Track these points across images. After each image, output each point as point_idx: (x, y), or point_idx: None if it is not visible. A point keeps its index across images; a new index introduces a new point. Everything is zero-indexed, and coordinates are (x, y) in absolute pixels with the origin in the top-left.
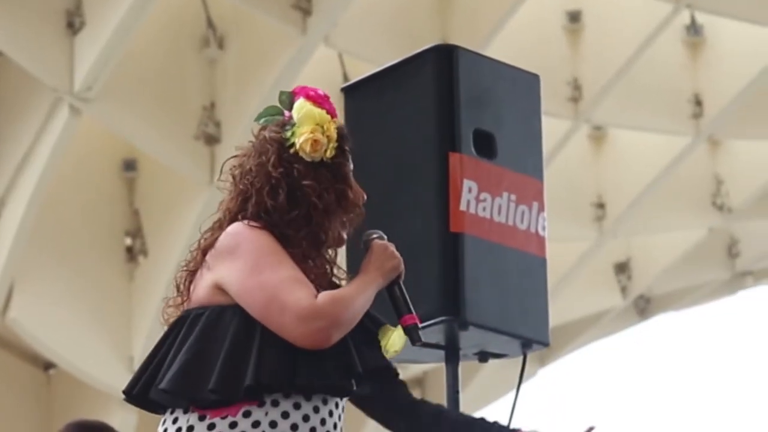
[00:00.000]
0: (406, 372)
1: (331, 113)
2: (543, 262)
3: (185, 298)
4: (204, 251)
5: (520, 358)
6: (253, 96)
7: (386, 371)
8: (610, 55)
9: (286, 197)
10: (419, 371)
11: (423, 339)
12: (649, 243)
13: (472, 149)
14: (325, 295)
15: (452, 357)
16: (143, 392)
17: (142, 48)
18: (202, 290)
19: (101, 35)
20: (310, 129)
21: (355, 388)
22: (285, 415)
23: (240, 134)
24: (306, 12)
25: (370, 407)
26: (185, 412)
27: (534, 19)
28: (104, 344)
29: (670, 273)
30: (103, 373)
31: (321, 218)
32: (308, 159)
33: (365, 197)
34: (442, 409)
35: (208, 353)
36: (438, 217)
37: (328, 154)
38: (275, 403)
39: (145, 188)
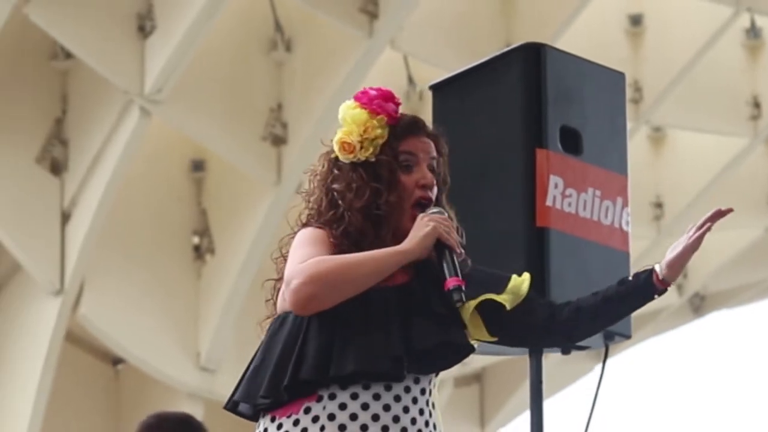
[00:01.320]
0: (465, 368)
1: (379, 112)
2: (626, 256)
3: (274, 308)
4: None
5: (573, 355)
6: (319, 98)
7: (443, 348)
8: (670, 58)
9: (327, 201)
10: (477, 367)
11: (464, 300)
12: (705, 242)
13: (559, 146)
14: (311, 259)
15: (535, 349)
16: (234, 405)
17: (211, 51)
18: (279, 298)
19: (171, 38)
20: (345, 131)
21: (404, 369)
22: (342, 406)
23: (306, 135)
24: (373, 15)
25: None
26: (263, 416)
27: (596, 22)
28: (172, 340)
29: (725, 271)
30: (171, 369)
31: (355, 217)
32: (346, 161)
33: (422, 183)
34: (573, 307)
35: (267, 361)
36: (524, 213)
37: (362, 154)
38: (332, 396)
39: (213, 188)
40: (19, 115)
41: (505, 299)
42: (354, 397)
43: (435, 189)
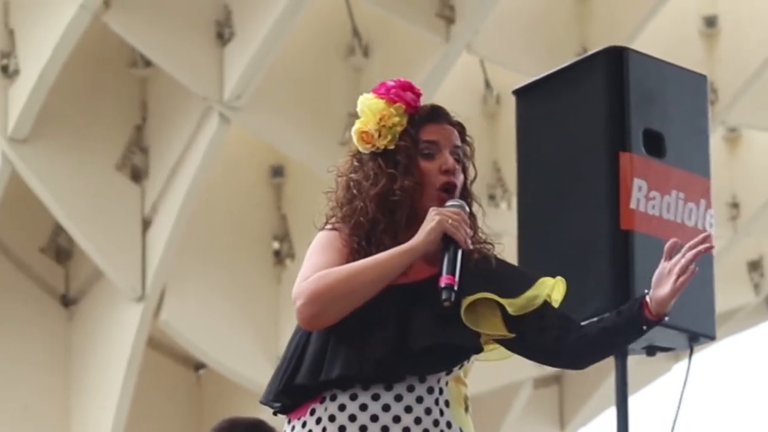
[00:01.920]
0: (544, 369)
1: (396, 100)
2: (710, 257)
3: None
4: None
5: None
6: None
7: (440, 349)
8: (745, 59)
9: (345, 193)
10: (557, 369)
11: (452, 300)
12: None
13: (642, 148)
14: (313, 275)
15: (620, 352)
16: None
17: (290, 57)
18: None
19: (250, 45)
20: (362, 121)
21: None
22: (342, 407)
23: None
24: (449, 20)
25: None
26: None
27: (671, 24)
28: (253, 345)
29: None
30: (252, 373)
31: (370, 205)
32: (365, 151)
33: (444, 168)
34: (579, 334)
35: (280, 364)
36: (608, 215)
37: (381, 143)
38: (333, 398)
39: (292, 193)
40: (100, 123)
41: (511, 303)
42: (353, 398)
43: (460, 176)
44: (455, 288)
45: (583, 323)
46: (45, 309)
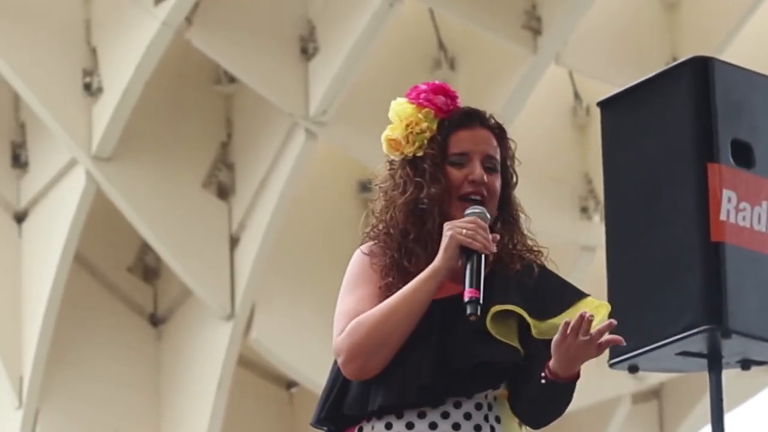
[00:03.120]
0: (642, 384)
1: (425, 105)
2: None
3: None
4: None
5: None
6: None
7: (483, 368)
8: None
9: (380, 203)
10: (656, 383)
11: (478, 315)
12: None
13: (731, 159)
14: (347, 326)
15: (715, 365)
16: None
17: (375, 70)
18: None
19: (335, 60)
20: (391, 127)
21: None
22: (388, 426)
23: None
24: (536, 31)
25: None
26: None
27: (761, 33)
28: None
29: None
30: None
31: (398, 215)
32: (396, 158)
33: (471, 178)
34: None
35: (325, 388)
36: (698, 228)
37: (408, 150)
38: (380, 417)
39: None
40: (184, 141)
41: (535, 324)
42: (399, 416)
43: (495, 183)
44: (480, 301)
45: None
46: (133, 329)
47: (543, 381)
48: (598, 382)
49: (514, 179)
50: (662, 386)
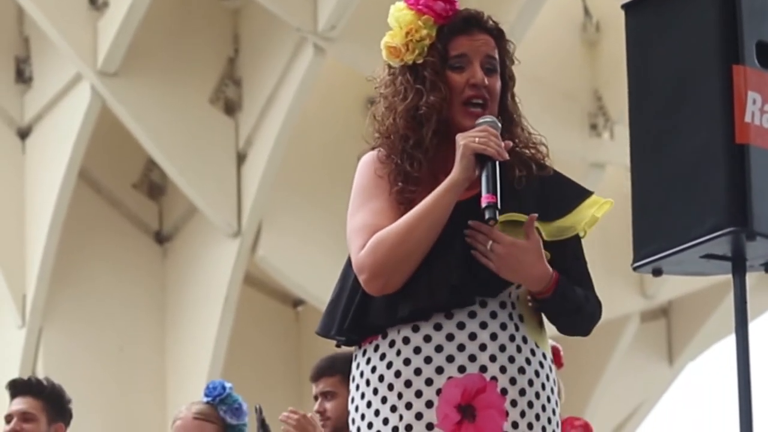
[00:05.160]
0: (651, 302)
1: (425, 12)
2: None
3: None
4: None
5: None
6: None
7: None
8: None
9: (382, 108)
10: (664, 301)
11: (497, 219)
12: None
13: (755, 61)
14: (368, 243)
15: (739, 268)
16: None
17: None
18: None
19: None
20: (390, 34)
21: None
22: (415, 328)
23: None
24: None
25: None
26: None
27: None
28: None
29: None
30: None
31: (399, 121)
32: (395, 65)
33: (472, 82)
34: None
35: (340, 297)
36: (723, 130)
37: (408, 57)
38: (398, 331)
39: None
40: (191, 56)
41: (543, 226)
42: (426, 318)
43: (496, 85)
44: (498, 205)
45: None
46: (138, 246)
47: (530, 304)
48: (606, 301)
49: (513, 78)
50: (670, 305)
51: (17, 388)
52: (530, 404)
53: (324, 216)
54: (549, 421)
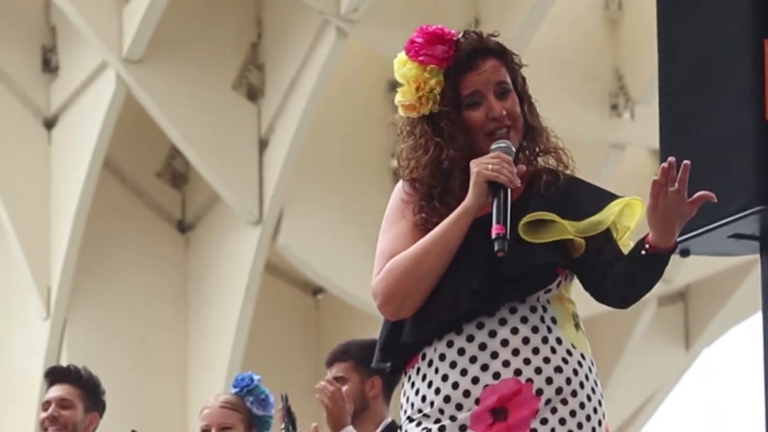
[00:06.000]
0: (668, 286)
1: (427, 62)
2: None
3: None
4: None
5: None
6: (517, 11)
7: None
8: None
9: (402, 157)
10: (682, 285)
11: (505, 251)
12: None
13: None
14: (383, 269)
15: (767, 247)
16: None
17: None
18: None
19: None
20: (402, 91)
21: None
22: (450, 344)
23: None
24: None
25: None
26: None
27: None
28: (372, 268)
29: None
30: (371, 297)
31: (423, 173)
32: (414, 117)
33: (491, 116)
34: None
35: (384, 325)
36: (753, 108)
37: (424, 110)
38: (441, 337)
39: None
40: (214, 42)
41: (573, 224)
42: (459, 331)
43: (515, 107)
44: (507, 237)
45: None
46: (161, 235)
47: (644, 253)
48: None
49: (528, 95)
50: (688, 289)
51: (56, 375)
52: (564, 401)
53: (346, 203)
54: (588, 418)
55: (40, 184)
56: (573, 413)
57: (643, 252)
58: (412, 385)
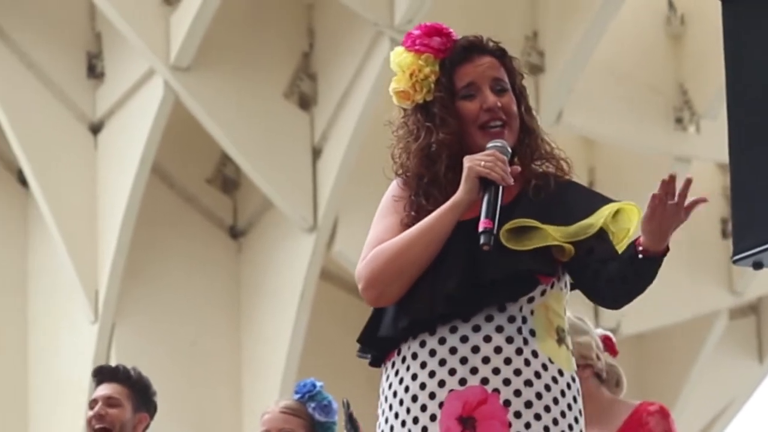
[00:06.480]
0: (740, 299)
1: (423, 50)
2: None
3: None
4: None
5: None
6: (577, 25)
7: (511, 279)
8: None
9: (396, 149)
10: (753, 298)
11: (491, 245)
12: None
13: None
14: (369, 254)
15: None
16: None
17: None
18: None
19: None
20: (396, 79)
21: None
22: (423, 344)
23: (564, 64)
24: None
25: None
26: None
27: None
28: None
29: None
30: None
31: (413, 161)
32: (406, 107)
33: (485, 107)
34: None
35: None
36: None
37: (418, 97)
38: (415, 336)
39: None
40: (266, 50)
41: (558, 229)
42: (432, 333)
43: (511, 104)
44: (494, 231)
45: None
46: (213, 242)
47: (639, 256)
48: (694, 298)
49: (525, 95)
50: (760, 301)
51: (104, 374)
52: (537, 416)
53: None
54: None
55: (87, 189)
56: (546, 429)
57: (640, 256)
58: (387, 378)
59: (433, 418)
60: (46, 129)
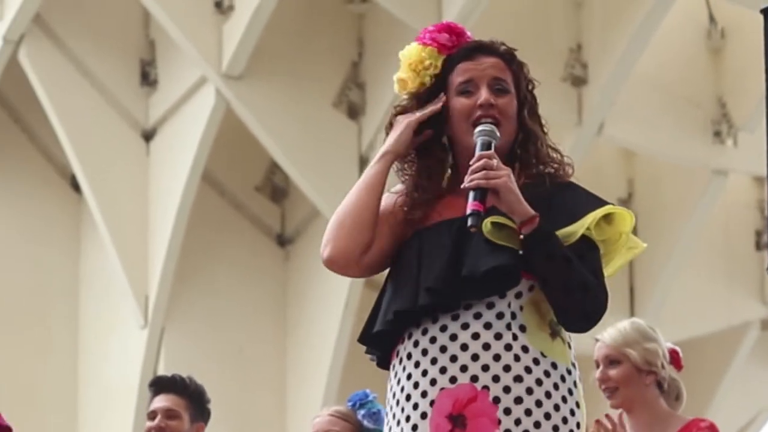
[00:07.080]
0: None
1: (428, 43)
2: None
3: None
4: None
5: None
6: (620, 37)
7: (495, 273)
8: None
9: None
10: None
11: (478, 227)
12: None
13: None
14: None
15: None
16: None
17: None
18: None
19: None
20: (401, 69)
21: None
22: (416, 344)
23: (608, 75)
24: None
25: None
26: None
27: None
28: None
29: None
30: None
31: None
32: (404, 96)
33: (479, 103)
34: None
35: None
36: None
37: (414, 84)
38: (410, 336)
39: None
40: (315, 60)
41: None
42: (424, 332)
43: (509, 106)
44: (482, 214)
45: None
46: (261, 249)
47: (523, 239)
48: (727, 309)
49: (528, 99)
50: None
51: (162, 385)
52: (528, 412)
53: None
54: (555, 428)
55: (139, 195)
56: (537, 424)
57: (522, 237)
58: (389, 381)
59: (424, 416)
60: (99, 136)
